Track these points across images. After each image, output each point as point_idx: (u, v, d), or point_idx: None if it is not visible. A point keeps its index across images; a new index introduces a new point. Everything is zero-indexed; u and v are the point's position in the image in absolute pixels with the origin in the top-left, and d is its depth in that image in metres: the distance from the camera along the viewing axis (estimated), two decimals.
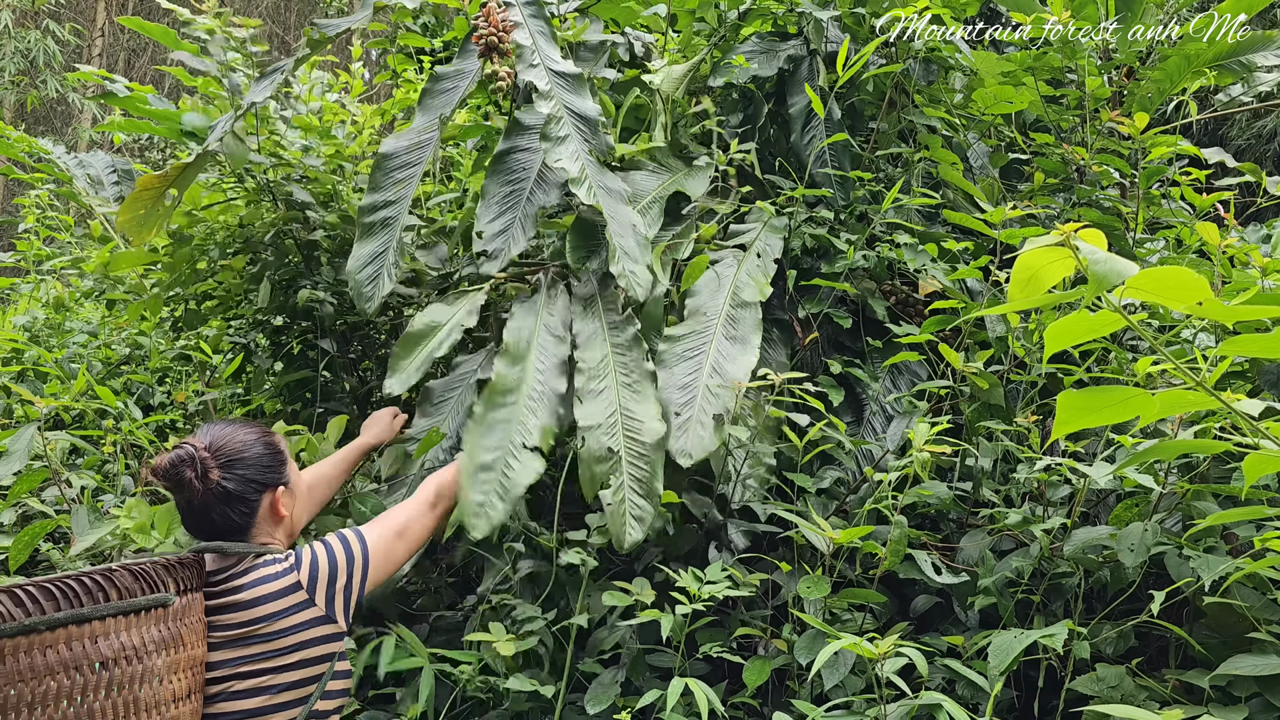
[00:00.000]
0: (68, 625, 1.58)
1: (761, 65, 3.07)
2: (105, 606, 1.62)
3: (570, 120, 2.65)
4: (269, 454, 2.00)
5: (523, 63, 2.73)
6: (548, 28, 2.87)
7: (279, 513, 2.00)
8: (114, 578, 1.65)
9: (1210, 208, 3.00)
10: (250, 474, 1.96)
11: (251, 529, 1.97)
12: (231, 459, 1.94)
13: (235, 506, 1.94)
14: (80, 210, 5.31)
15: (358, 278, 2.71)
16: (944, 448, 2.21)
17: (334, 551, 1.96)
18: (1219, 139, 8.78)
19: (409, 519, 2.12)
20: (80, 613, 1.59)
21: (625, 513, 2.20)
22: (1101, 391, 1.23)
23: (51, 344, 4.86)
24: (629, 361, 2.48)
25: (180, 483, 1.89)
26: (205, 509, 1.92)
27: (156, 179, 2.82)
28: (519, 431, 2.31)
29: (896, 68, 3.04)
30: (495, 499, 2.20)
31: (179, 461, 1.89)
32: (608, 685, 2.28)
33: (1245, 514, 1.61)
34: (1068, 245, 1.11)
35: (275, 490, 1.99)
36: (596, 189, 2.56)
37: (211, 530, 1.95)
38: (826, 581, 2.20)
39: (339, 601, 1.92)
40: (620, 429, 2.33)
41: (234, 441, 1.97)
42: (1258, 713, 1.91)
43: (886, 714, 1.96)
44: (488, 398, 2.37)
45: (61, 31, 16.53)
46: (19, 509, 3.20)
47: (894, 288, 2.96)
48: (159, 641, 1.71)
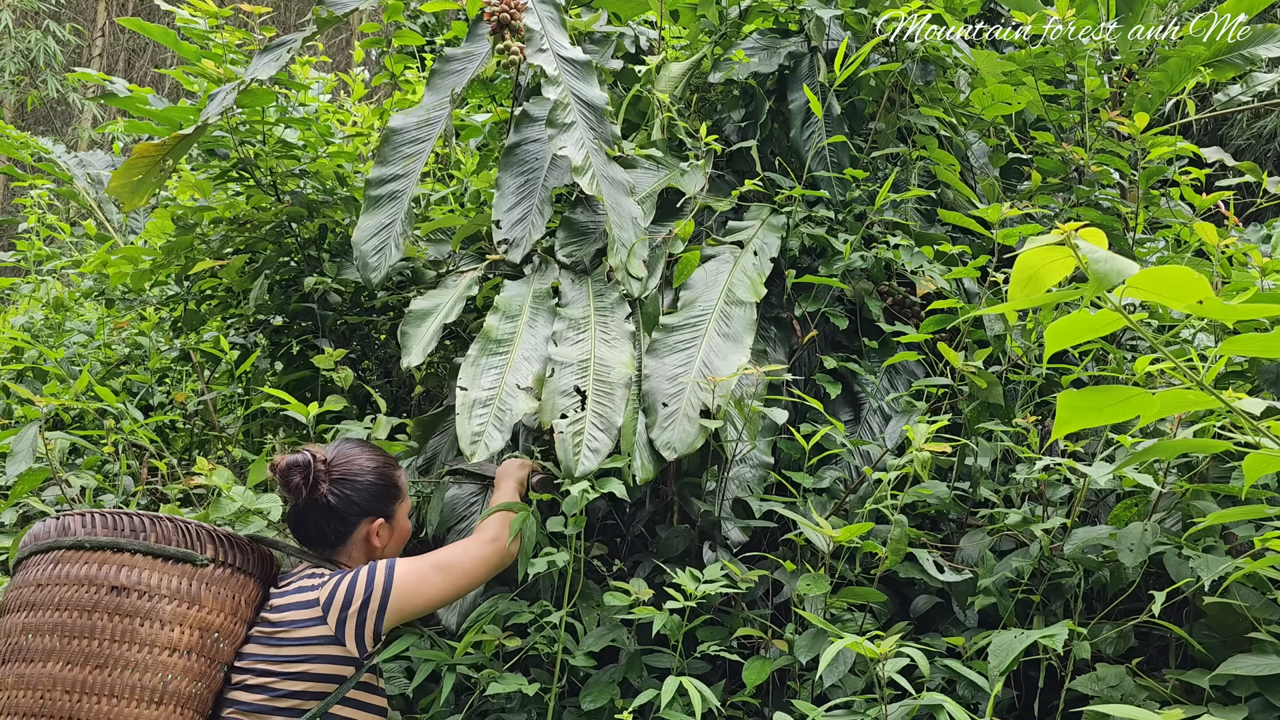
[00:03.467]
0: (105, 549, 1.86)
1: (762, 62, 3.06)
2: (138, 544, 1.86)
3: (577, 107, 2.65)
4: (382, 485, 2.04)
5: (531, 47, 2.73)
6: (557, 14, 2.87)
7: (372, 543, 2.03)
8: (159, 523, 1.89)
9: (1211, 207, 3.00)
10: (357, 497, 2.00)
11: (341, 549, 2.02)
12: (345, 477, 2.00)
13: (332, 523, 1.99)
14: (81, 210, 5.31)
15: (363, 248, 2.70)
16: (943, 447, 2.21)
17: (358, 577, 1.95)
18: (1219, 139, 8.77)
19: (457, 554, 2.07)
20: (117, 540, 1.86)
21: (581, 443, 2.21)
22: (1101, 391, 1.23)
23: (51, 344, 4.85)
24: (610, 321, 2.50)
25: (289, 485, 1.96)
26: (304, 515, 1.99)
27: (154, 147, 2.83)
28: (513, 374, 2.35)
29: (895, 66, 3.03)
30: (492, 429, 2.23)
31: (293, 465, 1.96)
32: (604, 684, 2.28)
33: (1245, 514, 1.61)
34: (1068, 244, 1.11)
35: (375, 520, 2.03)
36: (600, 179, 2.56)
37: (303, 536, 2.02)
38: (826, 579, 2.20)
39: (350, 626, 1.91)
40: (591, 373, 2.35)
41: (354, 463, 2.02)
42: (1258, 713, 1.90)
43: (887, 714, 1.96)
44: (481, 344, 2.41)
45: (61, 31, 16.53)
46: (19, 509, 3.20)
47: (891, 288, 2.96)
48: (174, 591, 1.86)
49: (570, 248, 2.79)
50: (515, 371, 2.36)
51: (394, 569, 1.97)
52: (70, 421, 4.16)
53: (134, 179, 2.88)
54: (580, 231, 2.83)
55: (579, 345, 2.43)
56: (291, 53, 2.92)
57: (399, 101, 3.94)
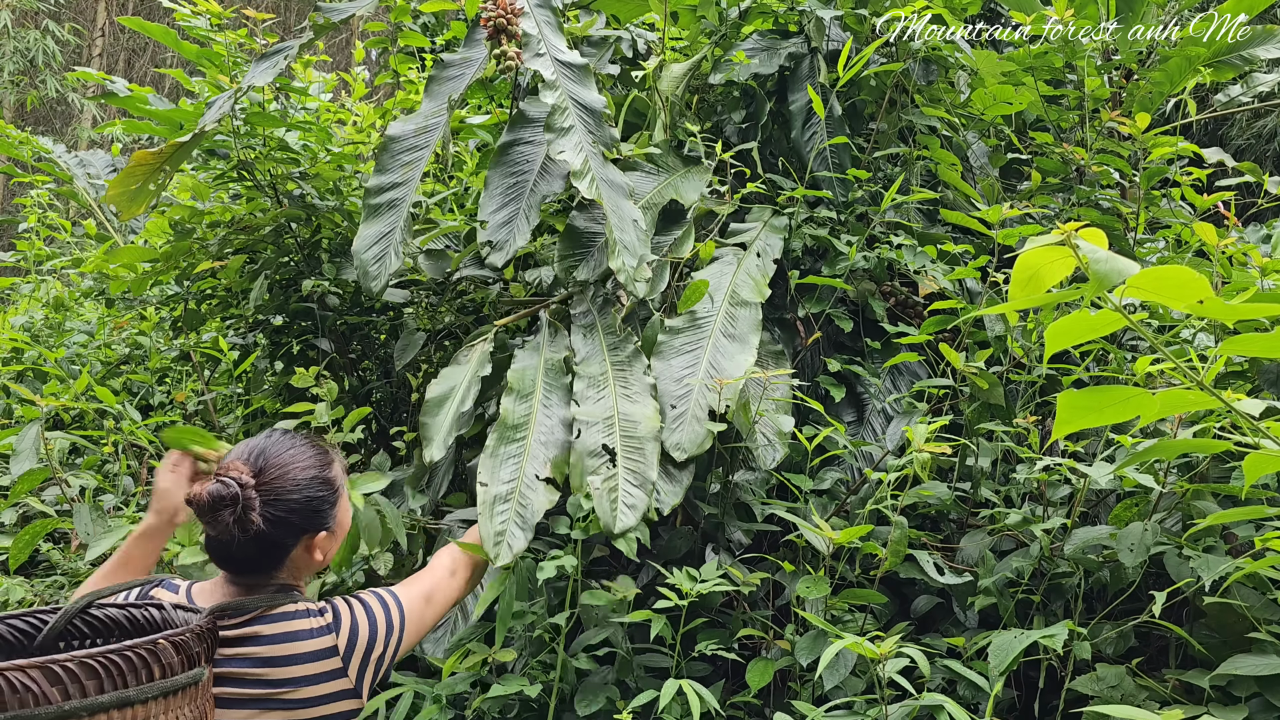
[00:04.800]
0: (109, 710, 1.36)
1: (763, 63, 3.06)
2: (150, 687, 1.41)
3: (575, 111, 2.64)
4: (320, 496, 1.75)
5: (529, 51, 2.73)
6: (554, 18, 2.87)
7: (314, 557, 1.77)
8: (160, 653, 1.43)
9: (1211, 207, 3.00)
10: (293, 517, 1.71)
11: (277, 571, 1.75)
12: (278, 497, 1.69)
13: (268, 551, 1.71)
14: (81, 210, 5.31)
15: (364, 257, 2.69)
16: (943, 447, 2.21)
17: (375, 618, 1.79)
18: (1219, 139, 8.77)
19: (434, 585, 1.97)
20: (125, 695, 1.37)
21: (618, 499, 2.20)
22: (1102, 391, 1.23)
23: (51, 344, 4.85)
24: (629, 376, 2.48)
25: (217, 523, 1.64)
26: (233, 547, 1.68)
27: (151, 155, 2.83)
28: (530, 462, 2.30)
29: (897, 67, 3.03)
30: (515, 527, 2.18)
31: (219, 500, 1.63)
32: (599, 686, 2.27)
33: (1245, 514, 1.61)
34: (1068, 244, 1.11)
35: (315, 535, 1.75)
36: (599, 182, 2.55)
37: (229, 561, 1.73)
38: (826, 582, 2.20)
39: (369, 673, 1.75)
40: (617, 429, 2.34)
41: (287, 477, 1.71)
42: (1258, 713, 1.90)
43: (888, 714, 1.96)
44: (499, 432, 2.36)
45: (61, 31, 16.53)
46: (19, 509, 3.20)
47: (893, 289, 2.96)
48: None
49: (570, 261, 2.78)
50: (533, 460, 2.31)
51: (402, 606, 1.85)
52: (70, 422, 4.16)
53: (131, 187, 2.87)
54: (582, 241, 2.81)
55: (601, 403, 2.41)
56: (288, 59, 2.92)
57: (401, 101, 3.94)
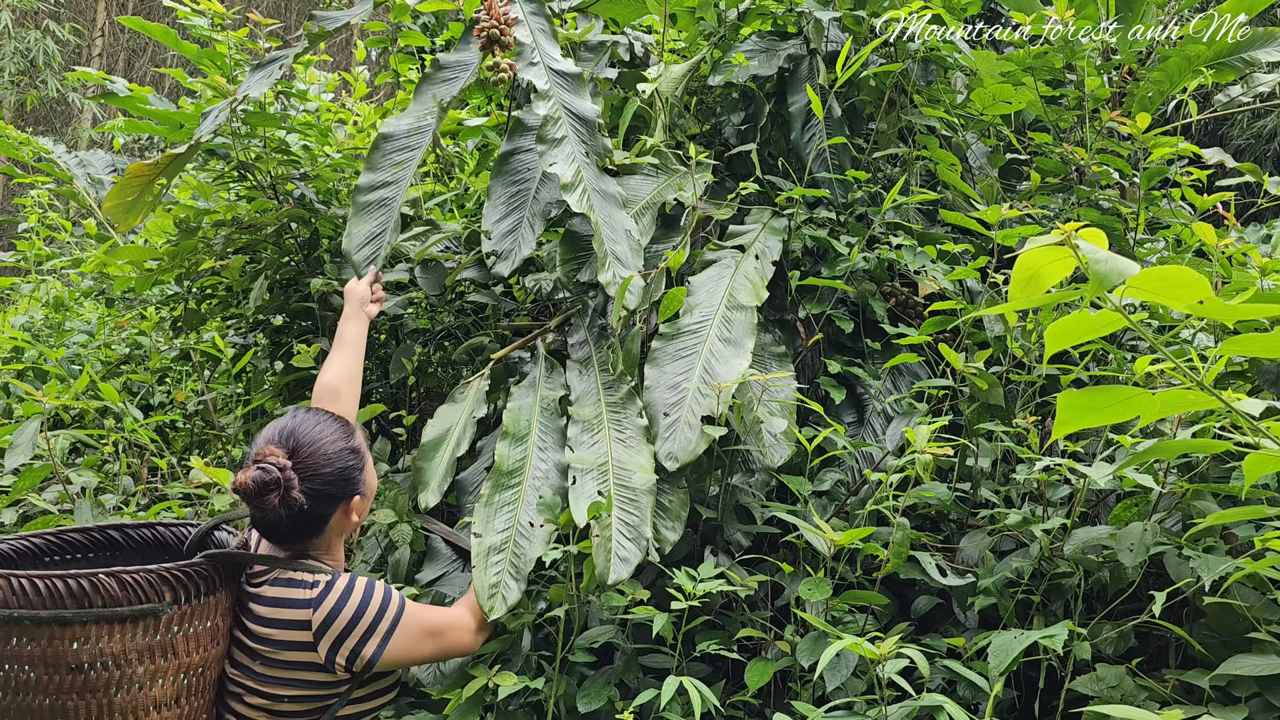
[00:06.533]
0: (50, 625, 1.60)
1: (761, 64, 3.06)
2: (87, 613, 1.62)
3: (568, 121, 2.64)
4: (350, 463, 1.88)
5: (522, 60, 2.73)
6: (548, 25, 2.87)
7: (350, 520, 1.91)
8: (100, 583, 1.63)
9: (1211, 208, 3.00)
10: (331, 489, 1.85)
11: (318, 538, 1.89)
12: (314, 472, 1.83)
13: (310, 523, 1.85)
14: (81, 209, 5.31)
15: (355, 257, 2.69)
16: (944, 449, 2.21)
17: (364, 609, 1.84)
18: (1219, 139, 8.78)
19: (451, 626, 2.01)
20: (62, 614, 1.61)
21: (611, 551, 2.19)
22: (1102, 391, 1.23)
23: (51, 343, 4.85)
24: (623, 420, 2.47)
25: (265, 507, 1.77)
26: (278, 523, 1.81)
27: (147, 167, 2.83)
28: (525, 510, 2.31)
29: (896, 67, 3.03)
30: (509, 578, 2.18)
31: (264, 486, 1.76)
32: (600, 685, 2.28)
33: (1245, 514, 1.61)
34: (1068, 245, 1.11)
35: (350, 500, 1.90)
36: (591, 193, 2.54)
37: (275, 534, 1.86)
38: (828, 583, 2.19)
39: (341, 657, 1.82)
40: (611, 476, 2.32)
41: (319, 453, 1.84)
42: (1258, 713, 1.90)
43: (887, 715, 1.96)
44: (494, 480, 2.37)
45: (61, 31, 16.53)
46: (20, 508, 3.20)
47: (894, 289, 2.96)
48: (143, 650, 1.68)
49: (571, 265, 2.78)
50: (527, 507, 2.32)
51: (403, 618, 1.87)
52: (71, 421, 4.16)
53: (128, 199, 2.87)
54: (582, 245, 2.81)
55: (595, 448, 2.39)
56: (284, 68, 2.92)
57: (401, 101, 3.94)
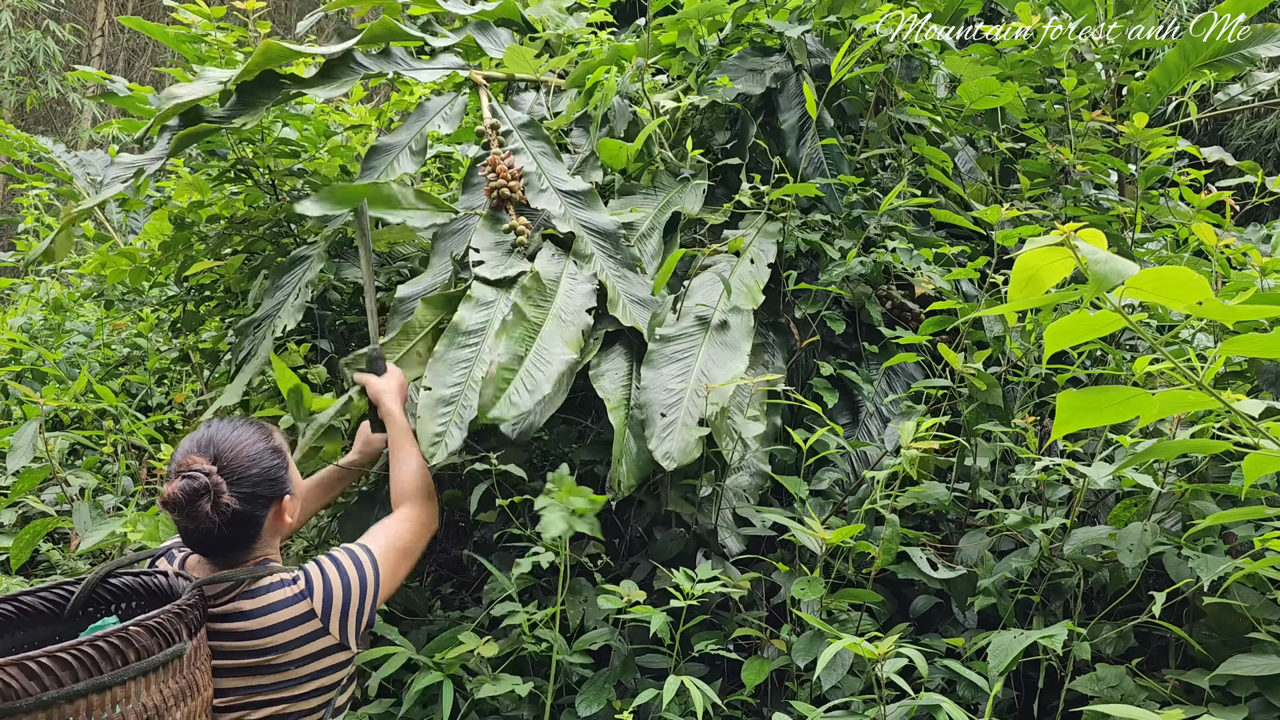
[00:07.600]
0: (88, 695, 1.47)
1: (748, 83, 3.06)
2: (125, 670, 1.53)
3: (590, 238, 2.68)
4: (274, 463, 1.88)
5: (532, 190, 2.75)
6: (549, 147, 2.88)
7: (283, 521, 1.91)
8: (132, 638, 1.54)
9: (1213, 204, 3.00)
10: (259, 490, 1.83)
11: (254, 544, 1.87)
12: (240, 476, 1.81)
13: (244, 527, 1.83)
14: None
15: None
16: (933, 444, 2.20)
17: (347, 575, 1.88)
18: (1219, 139, 8.78)
19: (404, 530, 2.06)
20: (100, 681, 1.49)
21: (507, 394, 2.21)
22: (1101, 391, 1.23)
23: (50, 345, 4.85)
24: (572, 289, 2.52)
25: (196, 515, 1.75)
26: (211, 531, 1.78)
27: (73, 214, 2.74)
28: (481, 367, 2.32)
29: (879, 68, 3.05)
30: (453, 428, 2.23)
31: (194, 494, 1.74)
32: (599, 686, 2.28)
33: (1245, 514, 1.61)
34: (1067, 245, 1.11)
35: (281, 500, 1.89)
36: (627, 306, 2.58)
37: (210, 548, 1.84)
38: (821, 582, 2.20)
39: (352, 627, 1.86)
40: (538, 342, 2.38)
41: (241, 456, 1.83)
42: (1258, 713, 1.90)
43: (886, 715, 1.95)
44: (449, 336, 2.39)
45: (61, 31, 16.52)
46: (19, 509, 3.20)
47: (889, 292, 2.96)
48: (177, 694, 1.62)
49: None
50: (482, 366, 2.32)
51: (375, 560, 1.94)
52: (70, 422, 4.16)
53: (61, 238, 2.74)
54: None
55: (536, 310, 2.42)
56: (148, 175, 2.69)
57: (396, 103, 3.94)
